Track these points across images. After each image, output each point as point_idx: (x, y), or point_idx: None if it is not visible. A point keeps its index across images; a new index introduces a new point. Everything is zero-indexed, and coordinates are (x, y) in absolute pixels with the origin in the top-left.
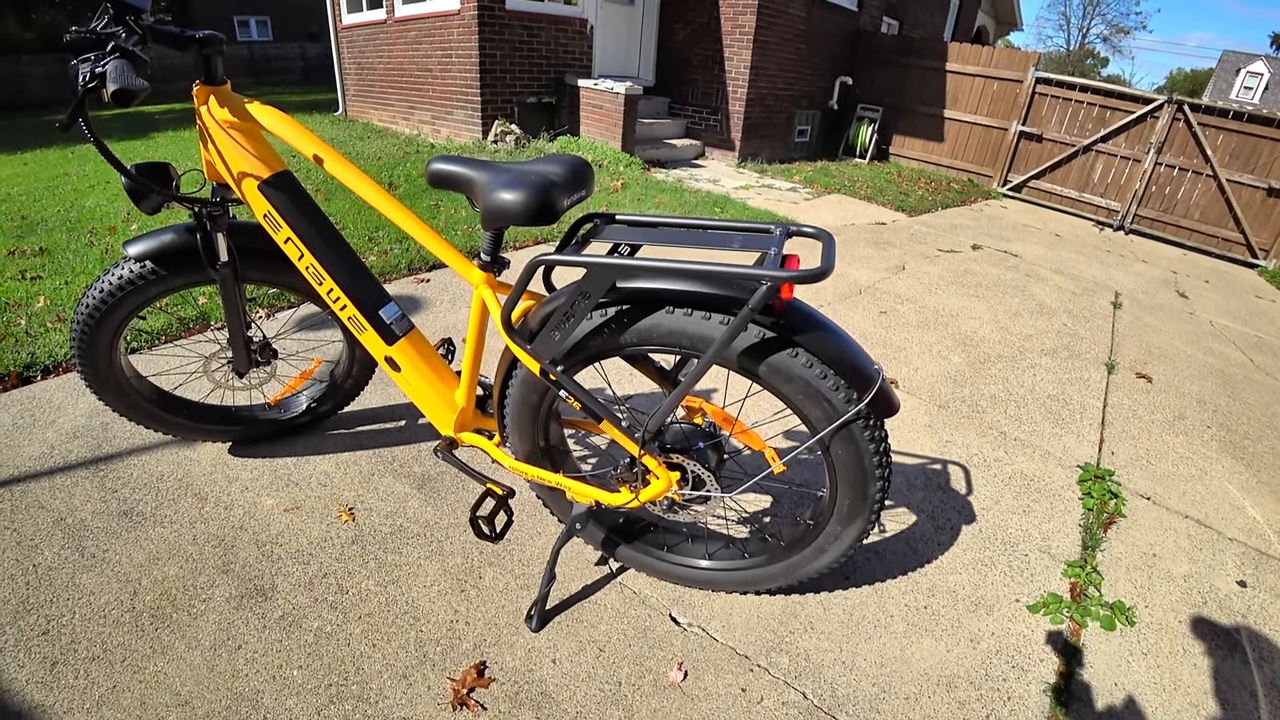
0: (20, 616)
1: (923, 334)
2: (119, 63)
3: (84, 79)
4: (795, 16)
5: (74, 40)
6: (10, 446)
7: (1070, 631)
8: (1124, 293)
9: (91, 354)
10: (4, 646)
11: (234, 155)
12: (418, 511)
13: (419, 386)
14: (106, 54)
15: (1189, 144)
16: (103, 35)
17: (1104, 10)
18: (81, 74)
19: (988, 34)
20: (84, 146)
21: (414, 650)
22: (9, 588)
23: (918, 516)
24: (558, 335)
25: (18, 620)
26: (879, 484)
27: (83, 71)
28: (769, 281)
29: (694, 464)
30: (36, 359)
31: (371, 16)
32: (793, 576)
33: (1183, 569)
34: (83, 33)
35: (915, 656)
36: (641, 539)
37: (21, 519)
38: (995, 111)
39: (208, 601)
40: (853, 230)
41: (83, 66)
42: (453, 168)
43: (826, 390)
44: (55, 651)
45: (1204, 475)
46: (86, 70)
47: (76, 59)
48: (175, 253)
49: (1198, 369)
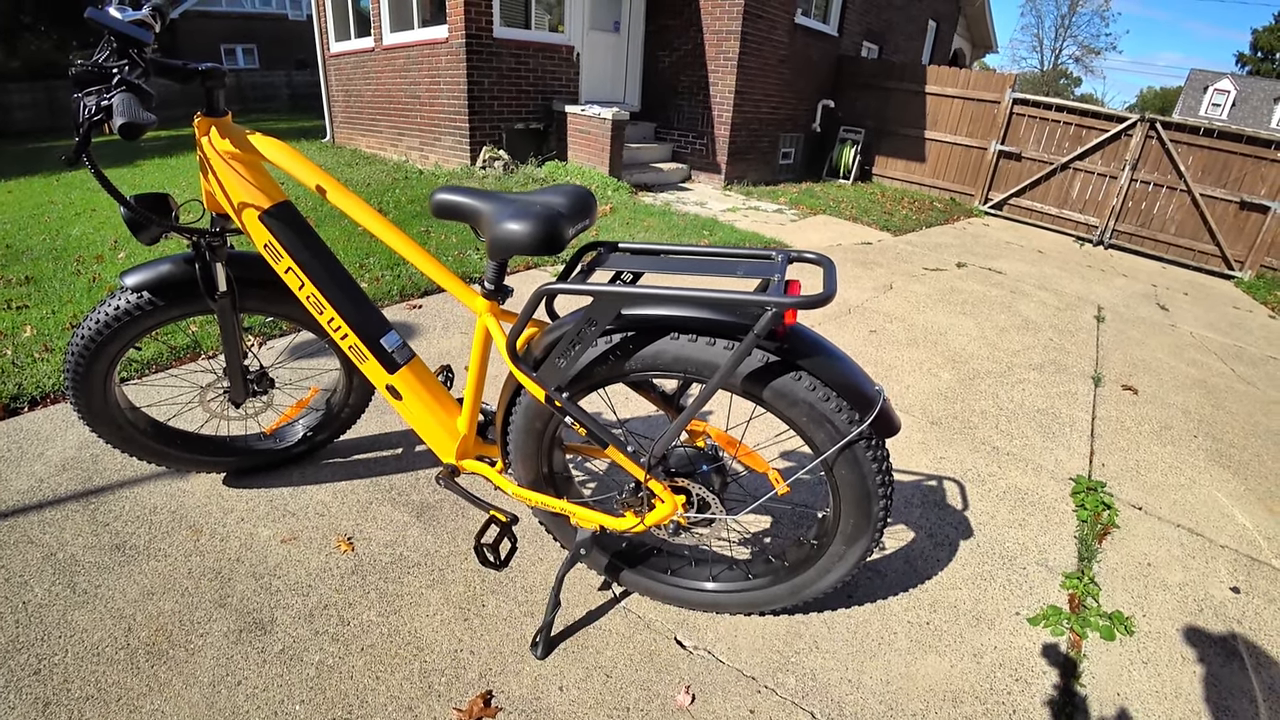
0: (10, 656)
1: (912, 352)
2: (125, 96)
3: (89, 112)
4: (778, 43)
5: (79, 73)
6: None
7: (1071, 643)
8: (1106, 307)
9: (85, 386)
10: None
11: (235, 186)
12: (418, 540)
13: (421, 415)
14: (112, 87)
15: (1163, 161)
16: (107, 69)
17: (1075, 32)
18: (86, 107)
19: (964, 56)
20: (69, 174)
21: (419, 681)
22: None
23: (916, 533)
24: (563, 362)
25: (7, 660)
26: (882, 503)
27: (88, 104)
28: (773, 308)
29: (699, 487)
30: (24, 390)
31: (360, 45)
32: (797, 597)
33: (1177, 577)
34: (87, 66)
35: (920, 673)
36: (645, 563)
37: (10, 555)
38: (975, 132)
39: (205, 636)
40: (840, 251)
41: (87, 99)
42: (458, 198)
43: (829, 412)
44: (48, 692)
45: (1193, 484)
46: (92, 103)
47: (81, 92)
48: (173, 283)
49: (1181, 380)
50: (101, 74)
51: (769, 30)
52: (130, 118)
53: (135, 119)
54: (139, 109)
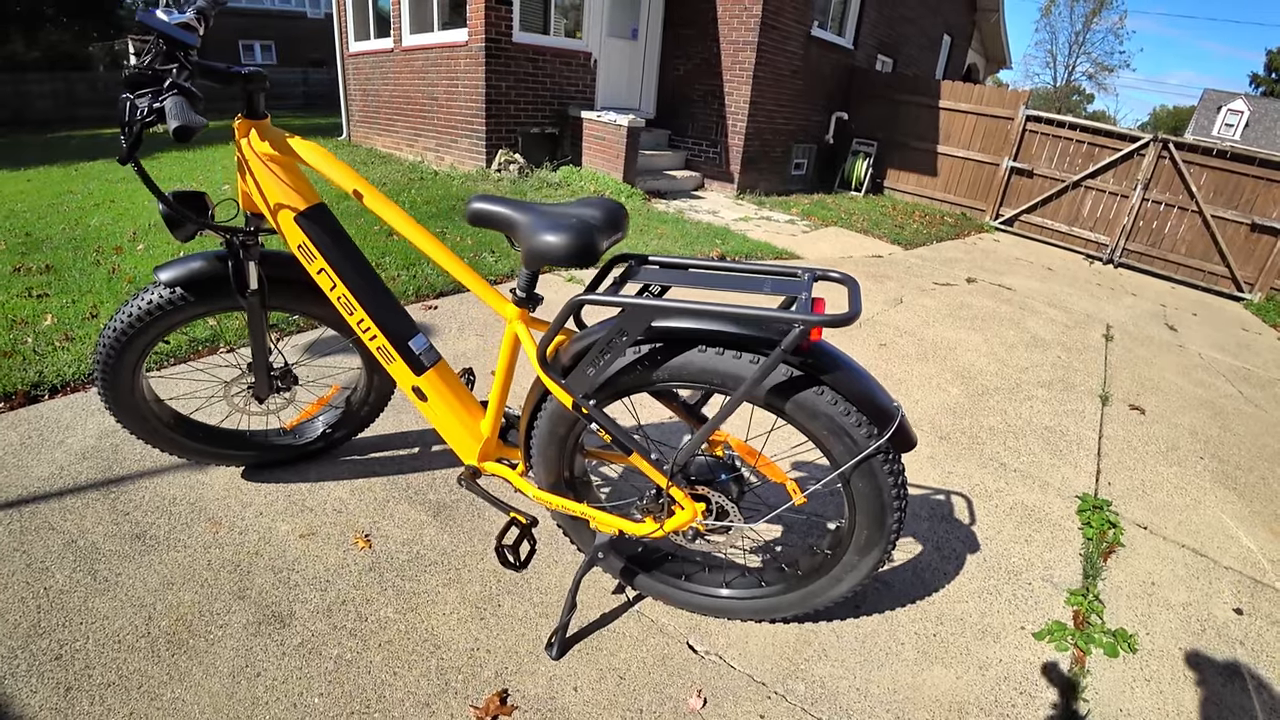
0: (32, 640)
1: (922, 366)
2: (177, 99)
3: (142, 113)
4: (793, 54)
5: (131, 75)
6: (18, 466)
7: (1075, 658)
8: (1115, 325)
9: (115, 377)
10: (16, 671)
11: (272, 187)
12: (434, 539)
13: (445, 416)
14: (164, 90)
15: (1174, 181)
16: (160, 71)
17: (1089, 49)
18: (139, 108)
19: (978, 71)
20: (87, 165)
21: (435, 678)
22: (20, 611)
23: (924, 546)
24: (592, 371)
25: (30, 644)
26: (896, 515)
27: (140, 106)
28: (801, 325)
29: (718, 495)
30: (44, 378)
31: (379, 45)
32: (808, 605)
33: (1181, 597)
34: (140, 68)
35: (927, 683)
36: (659, 568)
37: (31, 540)
38: (987, 147)
39: (224, 628)
40: (850, 263)
41: (139, 100)
42: (494, 208)
43: (849, 426)
44: (69, 677)
45: (1198, 505)
46: (144, 104)
47: (132, 93)
48: (205, 280)
49: (1188, 401)
50: (154, 76)
51: (784, 41)
52: (184, 121)
53: (189, 122)
54: (191, 112)
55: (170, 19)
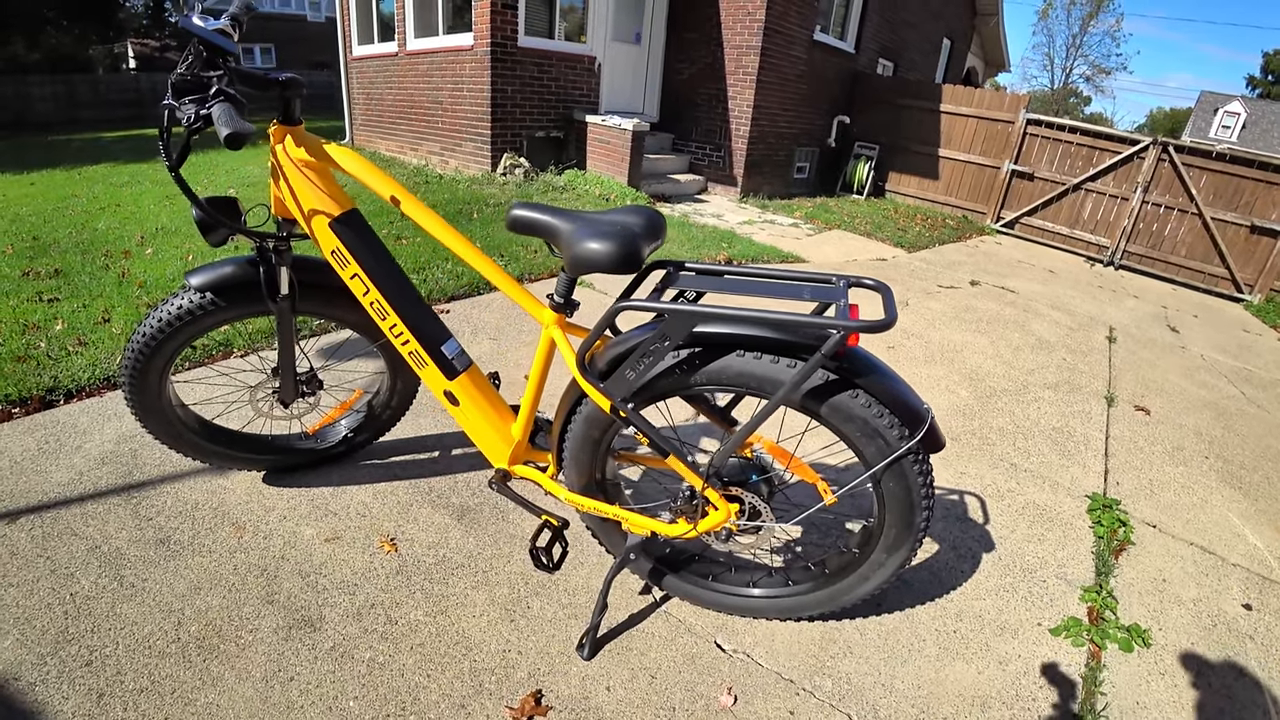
0: (61, 647)
1: (930, 369)
2: (224, 106)
3: (189, 120)
4: (796, 58)
5: (178, 82)
6: (37, 472)
7: (1091, 653)
8: (1118, 327)
9: (143, 382)
10: (47, 678)
11: (306, 193)
12: (460, 542)
13: (477, 420)
14: (210, 97)
15: (1174, 183)
16: (205, 78)
17: (1086, 52)
18: (186, 115)
19: (977, 74)
20: (91, 168)
21: (469, 680)
22: (47, 617)
23: (940, 546)
24: (632, 375)
25: (59, 650)
26: (924, 514)
27: (187, 112)
28: (842, 331)
29: (751, 496)
30: (59, 382)
31: (383, 49)
32: (836, 603)
33: (1191, 593)
34: (186, 75)
35: (950, 678)
36: (687, 569)
37: (55, 546)
38: (988, 151)
39: (255, 632)
40: (855, 266)
41: (186, 108)
42: (537, 215)
43: (882, 428)
44: (101, 683)
45: (1205, 504)
46: (191, 111)
47: (177, 100)
48: (236, 285)
49: (1192, 402)
50: (200, 83)
51: (787, 46)
52: (235, 128)
53: (240, 129)
54: (240, 119)
55: (206, 25)
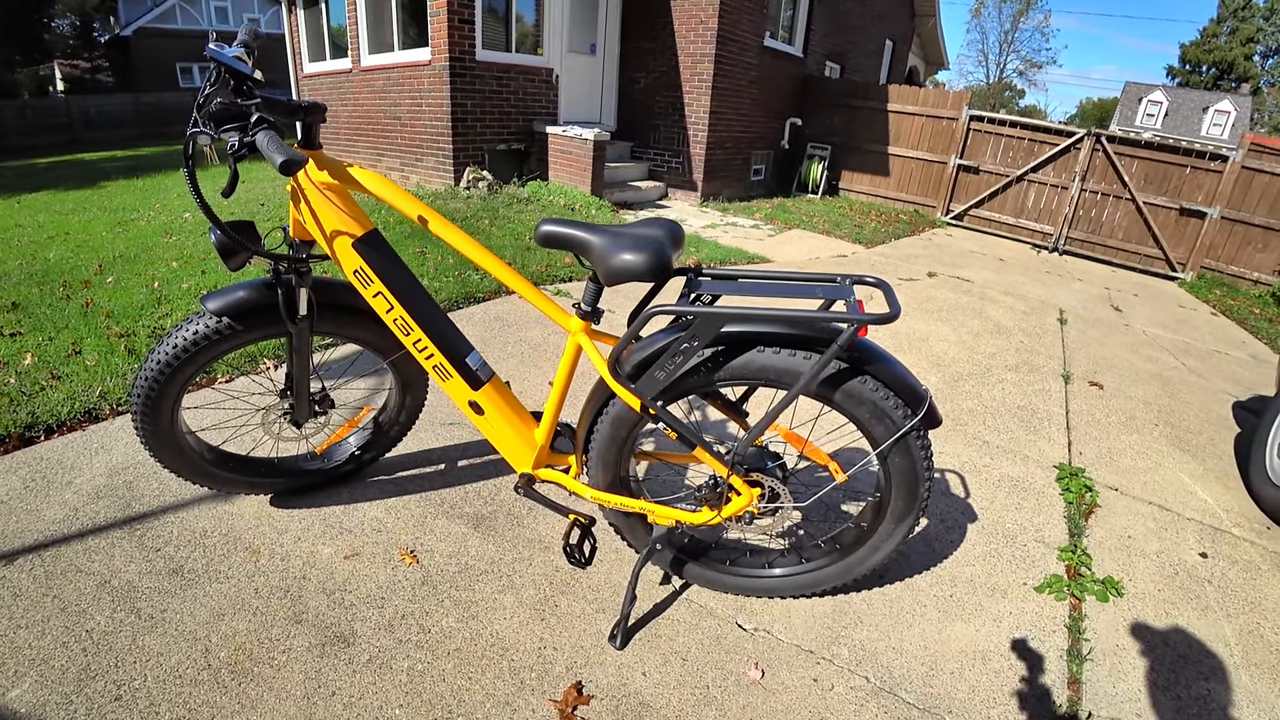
0: (85, 684)
1: (900, 357)
2: (269, 134)
3: (233, 148)
4: (748, 64)
5: (218, 111)
6: (28, 511)
7: (1072, 605)
8: (1067, 310)
9: (156, 411)
10: (75, 716)
11: (329, 215)
12: (480, 549)
13: (501, 428)
14: (252, 125)
15: (1109, 171)
16: (245, 107)
17: (1018, 47)
18: (231, 143)
19: (919, 73)
20: (30, 196)
21: (510, 679)
22: (64, 656)
23: (930, 519)
24: (662, 374)
25: (84, 688)
26: (927, 485)
27: (231, 141)
28: (856, 324)
29: (771, 480)
30: (38, 418)
31: (335, 66)
32: (849, 575)
33: (1154, 546)
34: (226, 103)
35: (952, 638)
36: (707, 556)
37: (61, 584)
38: (935, 147)
39: (288, 652)
40: (819, 264)
41: (229, 136)
42: (567, 230)
43: (889, 409)
44: (135, 716)
45: (1158, 467)
46: (234, 139)
47: (218, 129)
48: (253, 307)
49: (1140, 375)
50: (239, 112)
51: (740, 52)
52: (288, 155)
53: (293, 157)
54: (285, 145)
55: (224, 52)
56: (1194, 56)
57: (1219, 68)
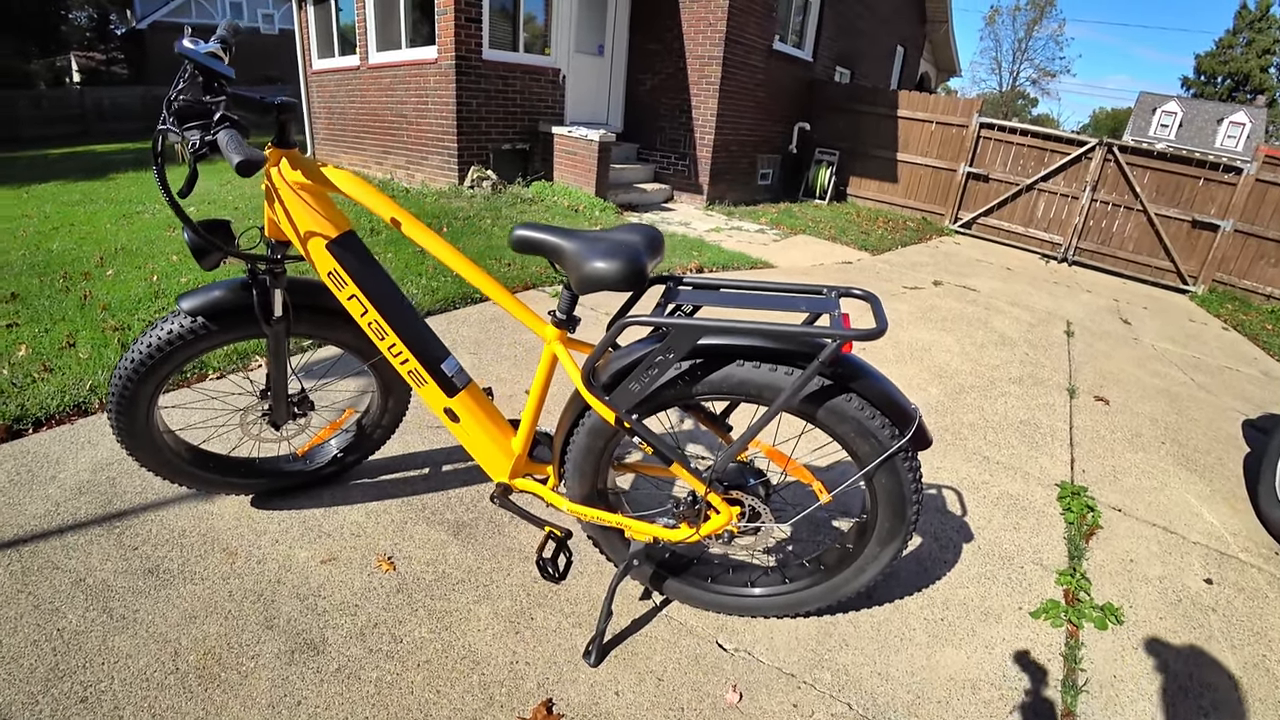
0: (52, 684)
1: (901, 368)
2: (230, 132)
3: (194, 147)
4: (756, 67)
5: (182, 109)
6: (11, 504)
7: (1069, 633)
8: (1074, 321)
9: (131, 409)
10: (39, 716)
11: (302, 215)
12: (458, 557)
13: (477, 436)
14: (215, 124)
15: (1120, 182)
16: (208, 105)
17: (1032, 55)
18: (192, 142)
19: (930, 80)
20: (39, 187)
21: (479, 693)
22: (34, 654)
23: (923, 538)
24: (636, 387)
25: (50, 688)
26: (915, 507)
27: (192, 139)
28: (838, 340)
29: (751, 498)
30: (27, 411)
31: (344, 63)
32: (834, 596)
33: (1157, 571)
34: (189, 101)
35: (941, 664)
36: (688, 572)
37: (36, 581)
38: (944, 154)
39: (256, 659)
40: (822, 271)
41: (189, 134)
42: (541, 235)
43: (874, 428)
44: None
45: (1164, 487)
46: (195, 138)
47: (181, 126)
48: (229, 308)
49: (1147, 390)
50: (202, 109)
51: (747, 55)
52: (247, 155)
53: (252, 157)
54: (246, 145)
55: (198, 48)
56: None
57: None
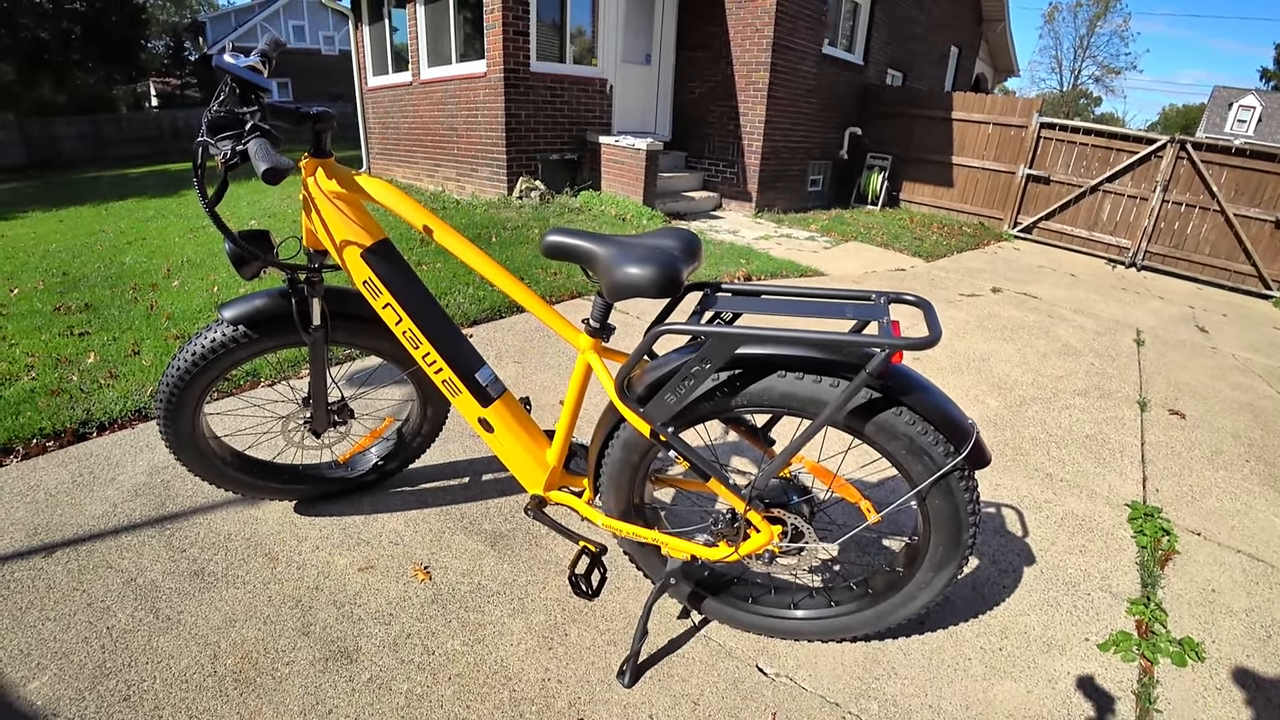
0: (99, 681)
1: (957, 378)
2: (260, 141)
3: (226, 157)
4: (806, 73)
5: (214, 119)
6: (72, 505)
7: (1143, 669)
8: (1145, 330)
9: (177, 415)
10: (85, 713)
11: (338, 224)
12: (494, 569)
13: (512, 447)
14: (246, 133)
15: (1194, 181)
16: (241, 115)
17: (1094, 53)
18: (224, 152)
19: (986, 81)
20: (116, 204)
21: (509, 710)
22: (84, 651)
23: (980, 560)
24: (672, 399)
25: (96, 685)
26: (972, 530)
27: (223, 148)
28: (887, 349)
29: (794, 517)
30: (92, 415)
31: (397, 79)
32: (881, 624)
33: (1243, 603)
34: (223, 112)
35: (998, 698)
36: (728, 591)
37: (90, 580)
38: (1002, 156)
39: (291, 665)
40: (875, 278)
41: (222, 144)
42: (572, 240)
43: (928, 445)
44: (139, 718)
45: (1249, 510)
46: (228, 147)
47: (214, 137)
48: (269, 317)
49: (1227, 403)
50: (235, 120)
51: (798, 61)
52: (272, 163)
53: (277, 164)
54: (276, 153)
55: (237, 62)
56: None
57: None
